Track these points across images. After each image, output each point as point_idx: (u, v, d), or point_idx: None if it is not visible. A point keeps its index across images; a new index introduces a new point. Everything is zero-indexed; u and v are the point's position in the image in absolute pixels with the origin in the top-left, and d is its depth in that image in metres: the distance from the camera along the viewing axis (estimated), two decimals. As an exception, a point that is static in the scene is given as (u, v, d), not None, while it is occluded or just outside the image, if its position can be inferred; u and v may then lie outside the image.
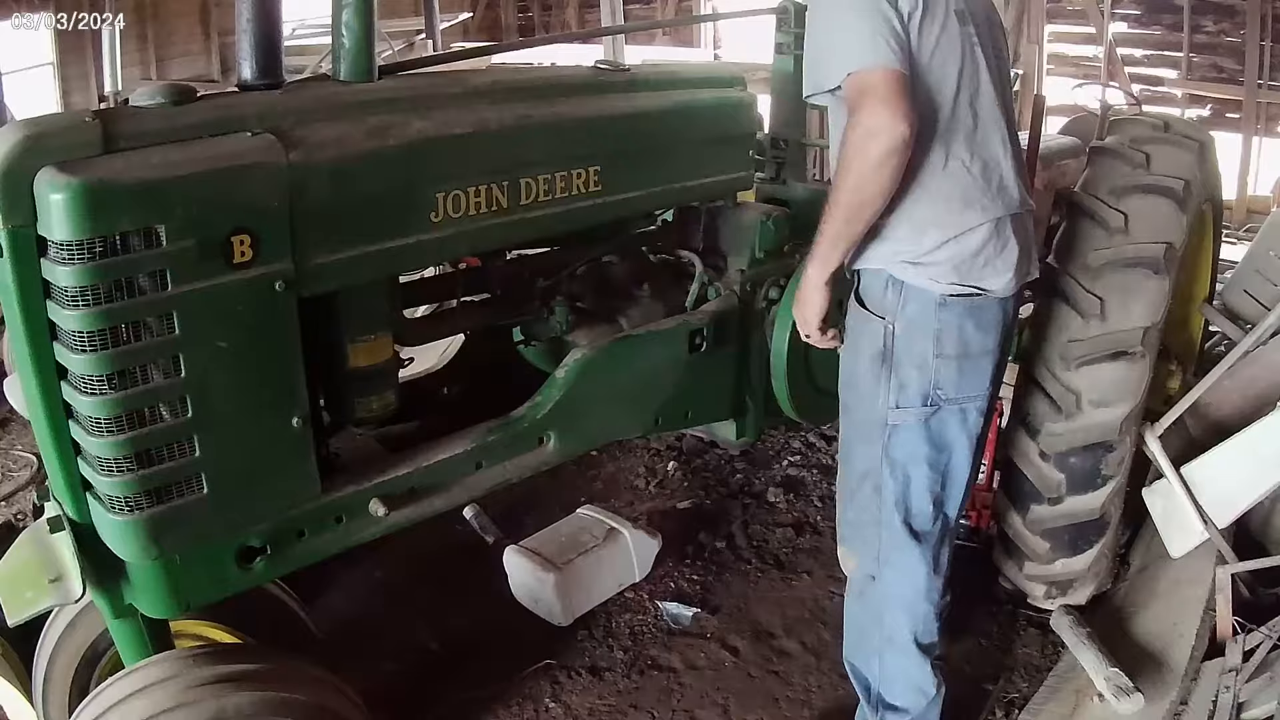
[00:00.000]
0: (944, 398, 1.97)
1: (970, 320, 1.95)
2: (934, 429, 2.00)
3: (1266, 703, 2.01)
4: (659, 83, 2.31)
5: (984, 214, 1.91)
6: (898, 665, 2.13)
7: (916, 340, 1.95)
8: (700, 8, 11.07)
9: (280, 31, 1.74)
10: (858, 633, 2.21)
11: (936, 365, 1.95)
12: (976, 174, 1.91)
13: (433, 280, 2.34)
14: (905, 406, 1.98)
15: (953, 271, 1.92)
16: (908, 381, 1.97)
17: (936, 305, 1.92)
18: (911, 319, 1.95)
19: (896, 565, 2.08)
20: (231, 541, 1.70)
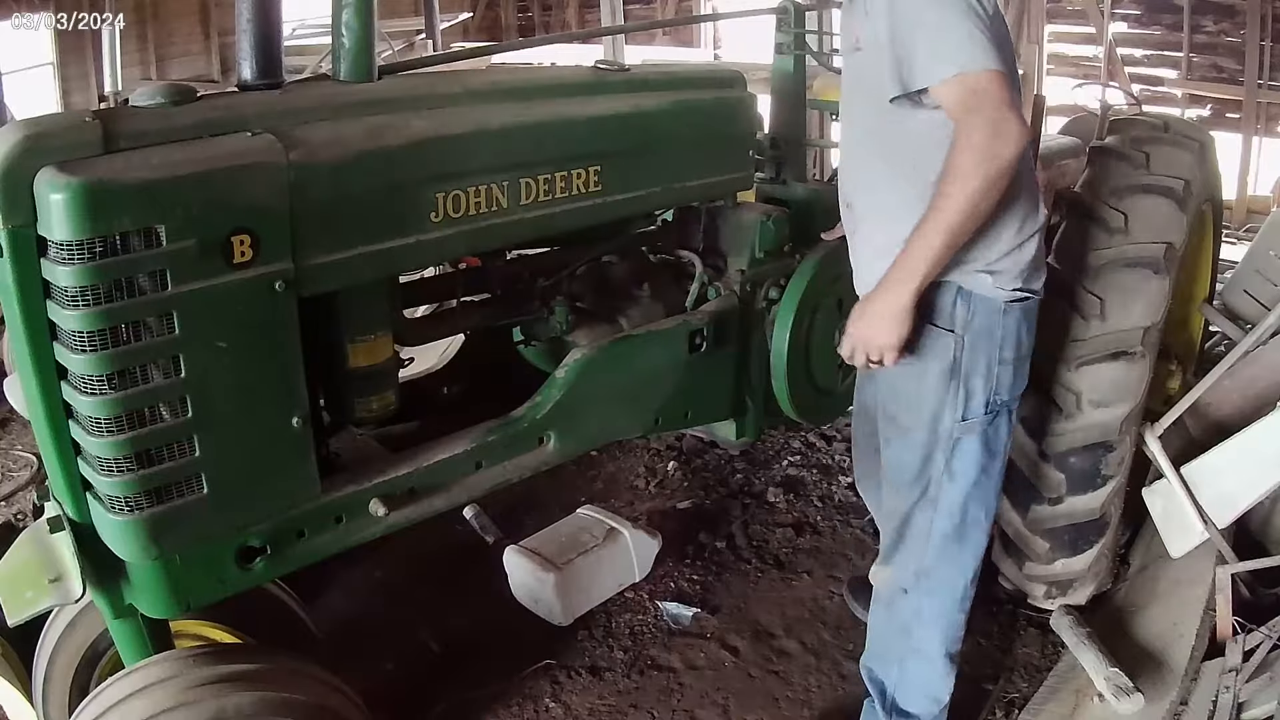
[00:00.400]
0: (1001, 402, 1.98)
1: (1026, 323, 1.98)
2: (990, 436, 2.00)
3: (1266, 703, 2.01)
4: (659, 83, 2.31)
5: (1041, 216, 1.95)
6: (920, 674, 2.14)
7: (982, 349, 1.94)
8: (700, 8, 11.07)
9: (280, 31, 1.74)
10: (881, 641, 2.21)
11: (999, 372, 1.95)
12: (1031, 176, 1.93)
13: (433, 280, 2.34)
14: (971, 418, 1.97)
15: (1017, 277, 1.93)
16: (974, 391, 1.96)
17: (1001, 312, 1.92)
18: (979, 329, 1.92)
19: (938, 578, 2.08)
20: (231, 541, 1.69)
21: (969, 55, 1.67)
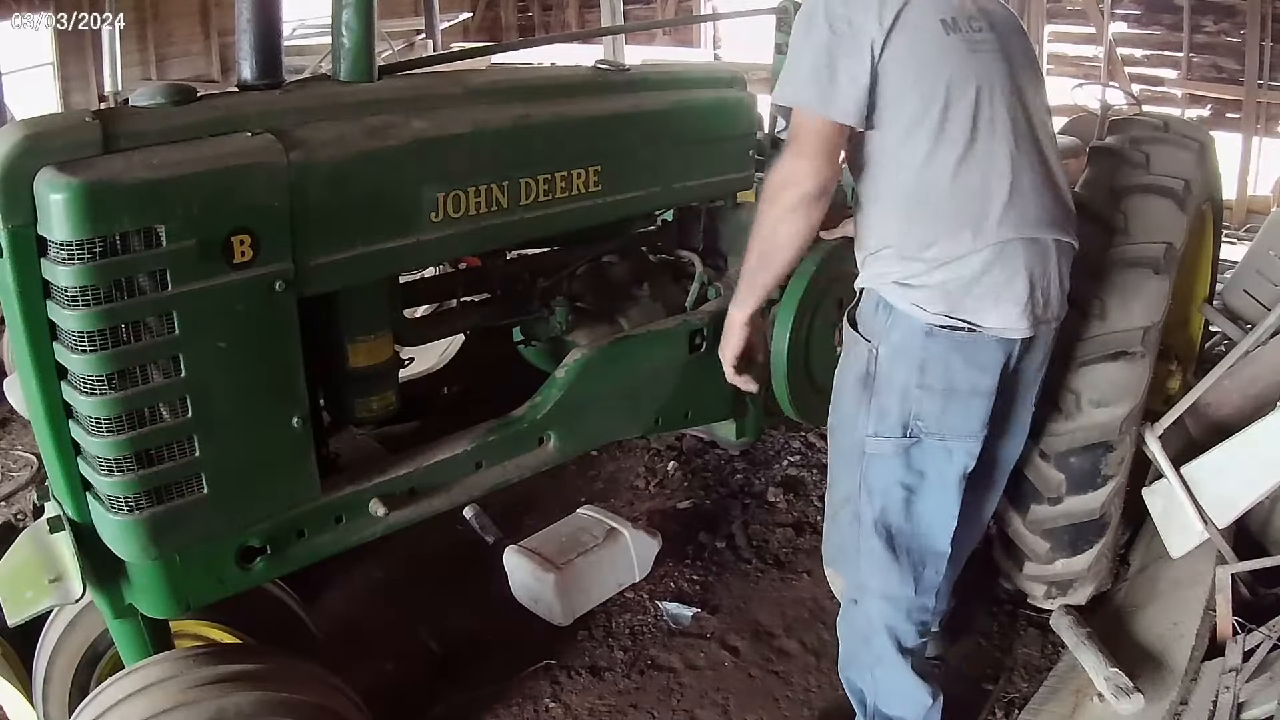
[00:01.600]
0: (924, 430, 1.90)
1: (959, 355, 1.86)
2: (913, 461, 1.93)
3: (1266, 703, 2.00)
4: (659, 83, 2.31)
5: (983, 239, 1.81)
6: (891, 681, 2.12)
7: (899, 368, 1.89)
8: (700, 8, 11.07)
9: (280, 31, 1.74)
10: (849, 650, 2.20)
11: (919, 396, 1.88)
12: (975, 193, 1.81)
13: (433, 280, 2.34)
14: (884, 435, 1.93)
15: (943, 299, 1.83)
16: (888, 409, 1.91)
17: (923, 334, 1.85)
18: (896, 345, 1.89)
19: (876, 591, 2.06)
20: (231, 541, 1.70)
21: (803, 92, 1.78)
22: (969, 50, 1.84)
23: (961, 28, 1.85)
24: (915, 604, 2.06)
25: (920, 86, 1.80)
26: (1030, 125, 1.91)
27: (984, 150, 1.83)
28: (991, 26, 1.90)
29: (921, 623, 2.09)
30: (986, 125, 1.83)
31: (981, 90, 1.83)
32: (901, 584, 2.03)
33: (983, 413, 1.92)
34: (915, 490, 1.97)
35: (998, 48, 1.89)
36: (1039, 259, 1.87)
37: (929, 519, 2.01)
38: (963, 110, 1.82)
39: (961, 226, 1.82)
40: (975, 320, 1.84)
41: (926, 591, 2.07)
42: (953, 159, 1.81)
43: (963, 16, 1.86)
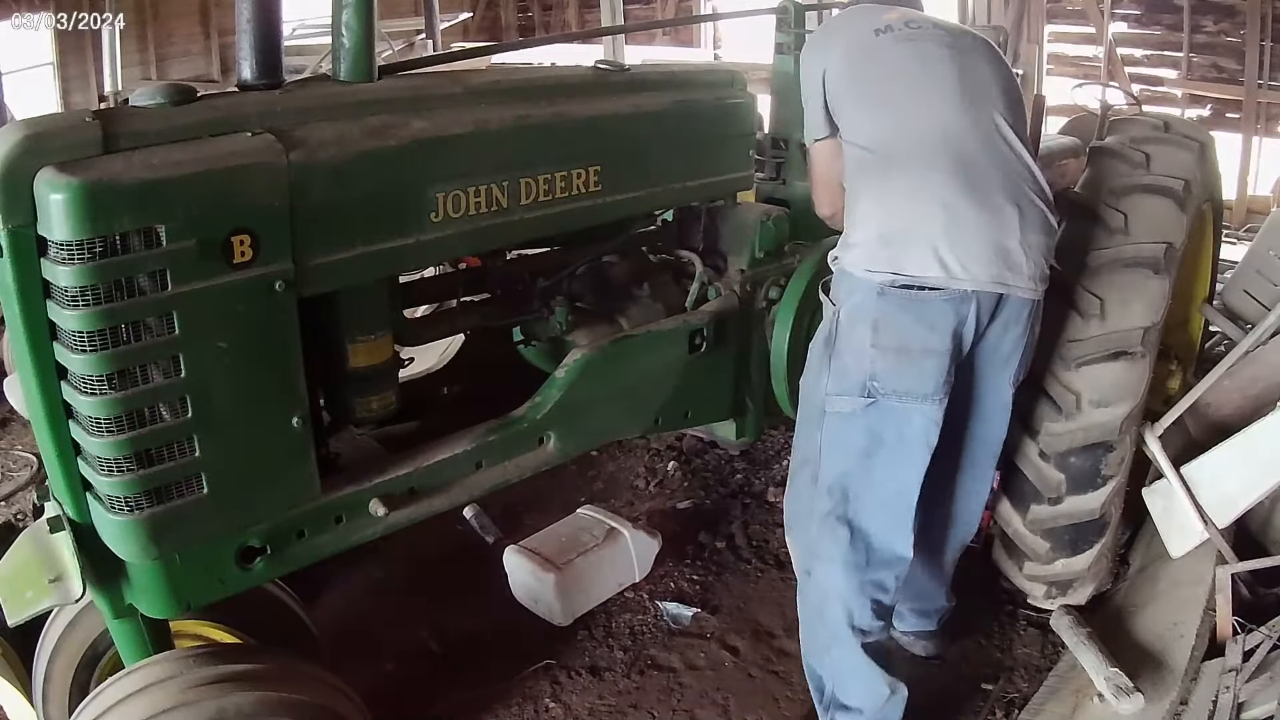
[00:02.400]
0: (880, 390, 1.98)
1: (908, 314, 1.96)
2: (872, 422, 2.01)
3: (1266, 703, 2.00)
4: (659, 83, 2.31)
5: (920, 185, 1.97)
6: (847, 663, 2.10)
7: (856, 328, 1.99)
8: (700, 8, 11.06)
9: (280, 31, 1.74)
10: (807, 632, 2.21)
11: (874, 355, 1.97)
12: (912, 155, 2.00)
13: (433, 280, 2.34)
14: (843, 394, 2.01)
15: (878, 255, 1.96)
16: (846, 369, 2.01)
17: (876, 294, 1.96)
18: (854, 306, 2.00)
19: (828, 557, 2.08)
20: (231, 541, 1.70)
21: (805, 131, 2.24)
22: (895, 41, 2.11)
23: (895, 28, 2.13)
24: (868, 577, 2.07)
25: (856, 82, 2.11)
26: (983, 96, 2.08)
27: (920, 118, 2.03)
28: (936, 25, 2.14)
29: (876, 601, 2.08)
30: (922, 95, 2.05)
31: (914, 65, 2.08)
32: (853, 550, 2.05)
33: (937, 373, 1.98)
34: (873, 453, 2.02)
35: (935, 37, 2.11)
36: (996, 219, 1.97)
37: (886, 484, 2.04)
38: (894, 85, 2.08)
39: (904, 192, 1.99)
40: (909, 270, 1.94)
41: (881, 565, 2.07)
42: (889, 127, 2.04)
43: (899, 23, 2.13)
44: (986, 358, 2.14)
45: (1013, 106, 2.14)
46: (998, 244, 1.96)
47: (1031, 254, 2.01)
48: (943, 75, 2.08)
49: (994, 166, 2.02)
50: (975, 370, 2.17)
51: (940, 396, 2.00)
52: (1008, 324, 2.08)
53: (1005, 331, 2.09)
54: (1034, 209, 2.03)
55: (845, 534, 2.05)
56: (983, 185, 1.98)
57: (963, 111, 2.04)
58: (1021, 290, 2.01)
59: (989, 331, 2.06)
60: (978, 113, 2.06)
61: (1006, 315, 2.06)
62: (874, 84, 2.12)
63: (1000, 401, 2.23)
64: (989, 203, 1.97)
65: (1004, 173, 2.02)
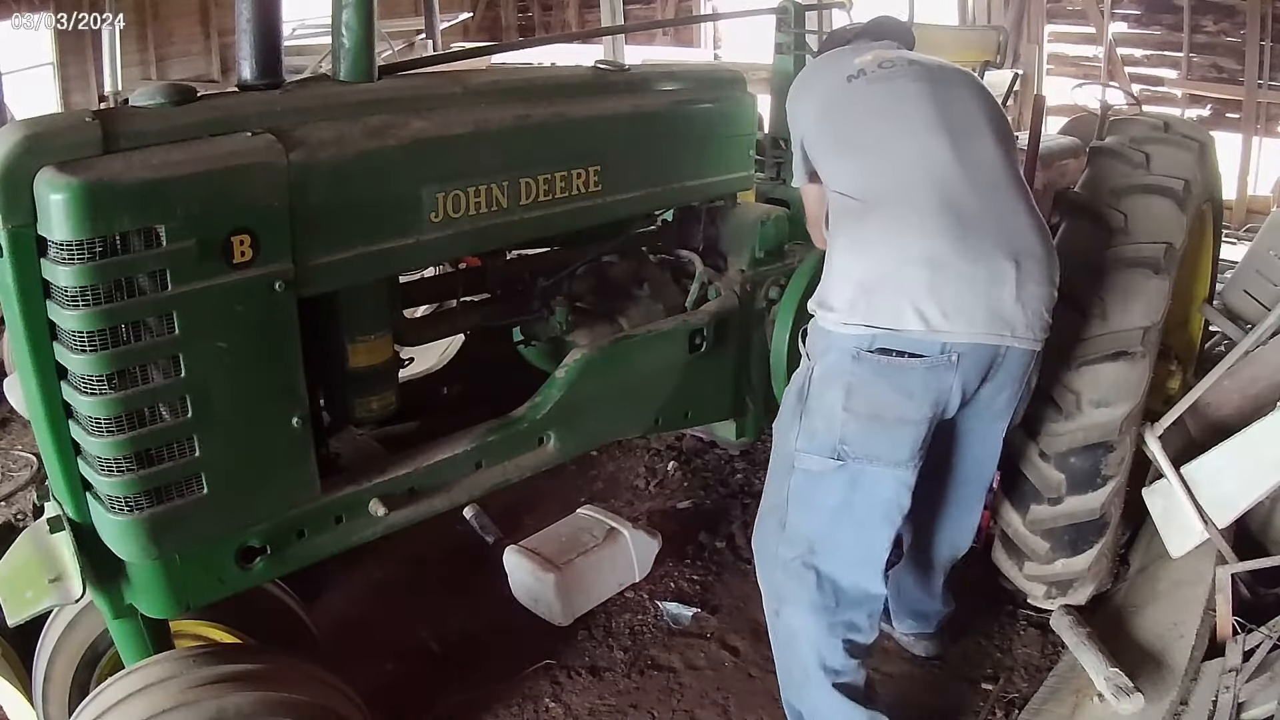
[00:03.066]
0: (851, 454, 1.89)
1: (885, 381, 1.85)
2: (841, 484, 1.93)
3: (1266, 703, 2.00)
4: (659, 83, 2.31)
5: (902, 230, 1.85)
6: (823, 702, 2.04)
7: (829, 389, 1.91)
8: (700, 8, 11.06)
9: (280, 31, 1.74)
10: (782, 669, 2.16)
11: (844, 419, 1.88)
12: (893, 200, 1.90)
13: (433, 280, 2.34)
14: (811, 453, 1.94)
15: (853, 315, 1.84)
16: (816, 430, 1.93)
17: (851, 358, 1.86)
18: (827, 367, 1.92)
19: (794, 600, 2.02)
20: (231, 541, 1.70)
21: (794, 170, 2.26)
22: (867, 84, 2.06)
23: (867, 71, 2.08)
24: (839, 619, 1.99)
25: (830, 132, 2.09)
26: (968, 128, 1.97)
27: (899, 158, 1.94)
28: (911, 62, 2.07)
29: (848, 641, 2.00)
30: (899, 133, 1.98)
31: (889, 104, 2.02)
32: (820, 594, 1.98)
33: (913, 441, 1.89)
34: (841, 513, 1.95)
35: (909, 73, 2.04)
36: (974, 268, 1.82)
37: (854, 542, 1.97)
38: (868, 128, 2.02)
39: (880, 231, 1.89)
40: (886, 323, 1.82)
41: (851, 606, 2.00)
42: (866, 171, 1.96)
43: (871, 66, 2.07)
44: (978, 415, 2.05)
45: (1003, 140, 2.01)
46: (989, 302, 1.82)
47: (1029, 307, 1.87)
48: (920, 111, 1.96)
49: (986, 211, 1.87)
50: (965, 424, 2.10)
51: (915, 462, 1.91)
52: (1003, 383, 1.97)
53: (999, 391, 1.99)
54: (1032, 260, 1.86)
55: (812, 579, 1.98)
56: (973, 234, 1.83)
57: (946, 145, 1.92)
58: (1019, 342, 1.88)
59: (980, 392, 1.95)
60: (963, 145, 1.93)
61: (1002, 375, 1.94)
62: (848, 131, 2.05)
63: (992, 449, 2.19)
64: (981, 257, 1.82)
65: (998, 218, 1.88)
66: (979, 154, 1.94)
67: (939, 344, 1.82)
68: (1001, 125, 2.06)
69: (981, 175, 1.91)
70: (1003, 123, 2.07)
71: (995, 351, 1.88)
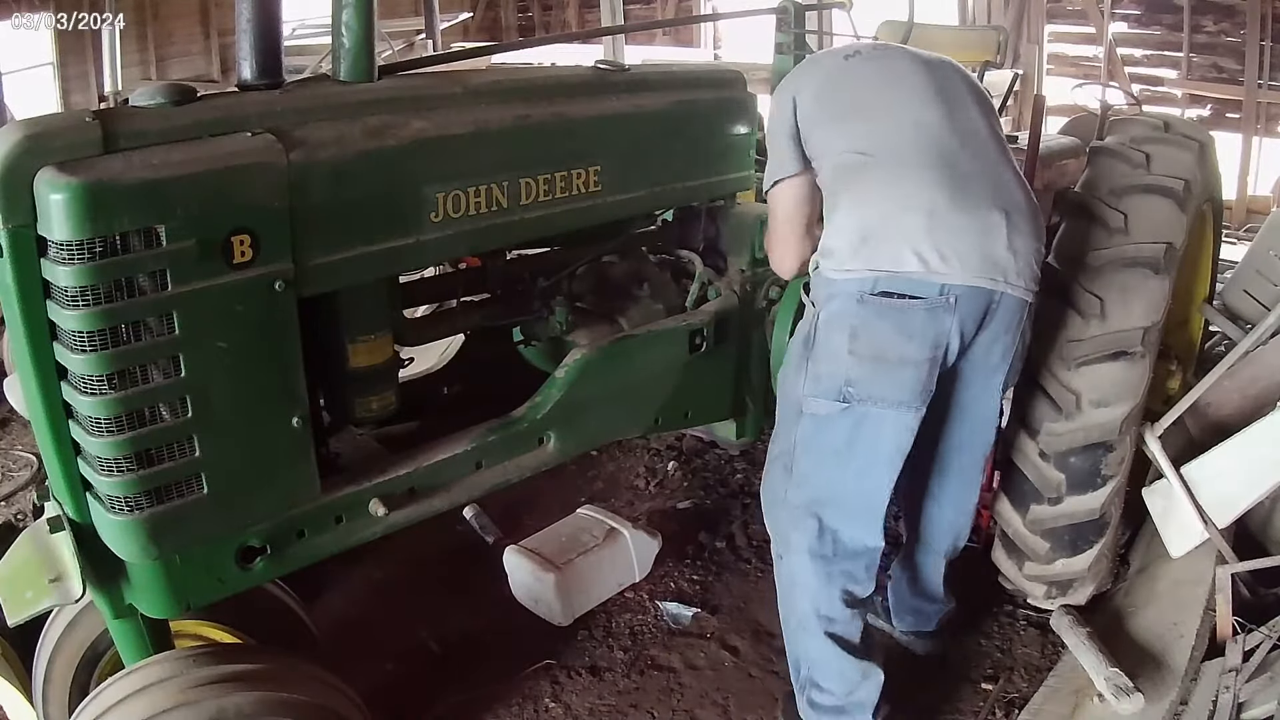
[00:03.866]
0: (856, 395, 1.97)
1: (887, 322, 1.94)
2: (847, 425, 2.00)
3: (1266, 703, 2.01)
4: (659, 83, 2.31)
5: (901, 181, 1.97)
6: (816, 649, 2.13)
7: (834, 333, 1.99)
8: (700, 8, 11.06)
9: (280, 31, 1.74)
10: (785, 613, 2.23)
11: (850, 362, 1.96)
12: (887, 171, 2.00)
13: (433, 280, 2.34)
14: (819, 396, 2.02)
15: (855, 259, 1.95)
16: (822, 374, 2.01)
17: (855, 301, 1.95)
18: (832, 312, 2.00)
19: (795, 547, 2.10)
20: (231, 541, 1.70)
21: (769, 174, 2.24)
22: (863, 61, 2.19)
23: (863, 52, 2.23)
24: (836, 567, 2.07)
25: (829, 102, 2.14)
26: (958, 100, 2.11)
27: (897, 119, 2.05)
28: (903, 49, 2.22)
29: (846, 591, 2.09)
30: (896, 99, 2.09)
31: (886, 76, 2.14)
32: (820, 542, 2.07)
33: (915, 382, 1.96)
34: (846, 456, 2.03)
35: (902, 54, 2.19)
36: (968, 218, 1.94)
37: (858, 486, 2.05)
38: (867, 95, 2.13)
39: (888, 198, 1.99)
40: (884, 265, 1.92)
41: (849, 557, 2.08)
42: (866, 132, 2.06)
43: (866, 48, 2.23)
44: (975, 366, 2.12)
45: (988, 114, 2.16)
46: (983, 248, 1.93)
47: (1020, 256, 1.97)
48: (915, 83, 2.11)
49: (977, 169, 2.01)
50: (962, 377, 2.15)
51: (918, 405, 1.98)
52: (997, 333, 2.04)
53: (995, 340, 2.06)
54: (1020, 214, 1.99)
55: (813, 526, 2.06)
56: (967, 189, 1.96)
57: (940, 112, 2.06)
58: (1011, 289, 1.97)
59: (977, 340, 2.03)
60: (955, 113, 2.08)
61: (997, 323, 2.02)
62: (847, 99, 2.15)
63: (989, 409, 2.22)
64: (974, 208, 1.95)
65: (988, 176, 2.01)
66: (969, 122, 2.10)
67: (937, 285, 1.92)
68: (986, 103, 2.20)
69: (972, 140, 2.07)
70: (987, 102, 2.22)
71: (990, 297, 1.97)
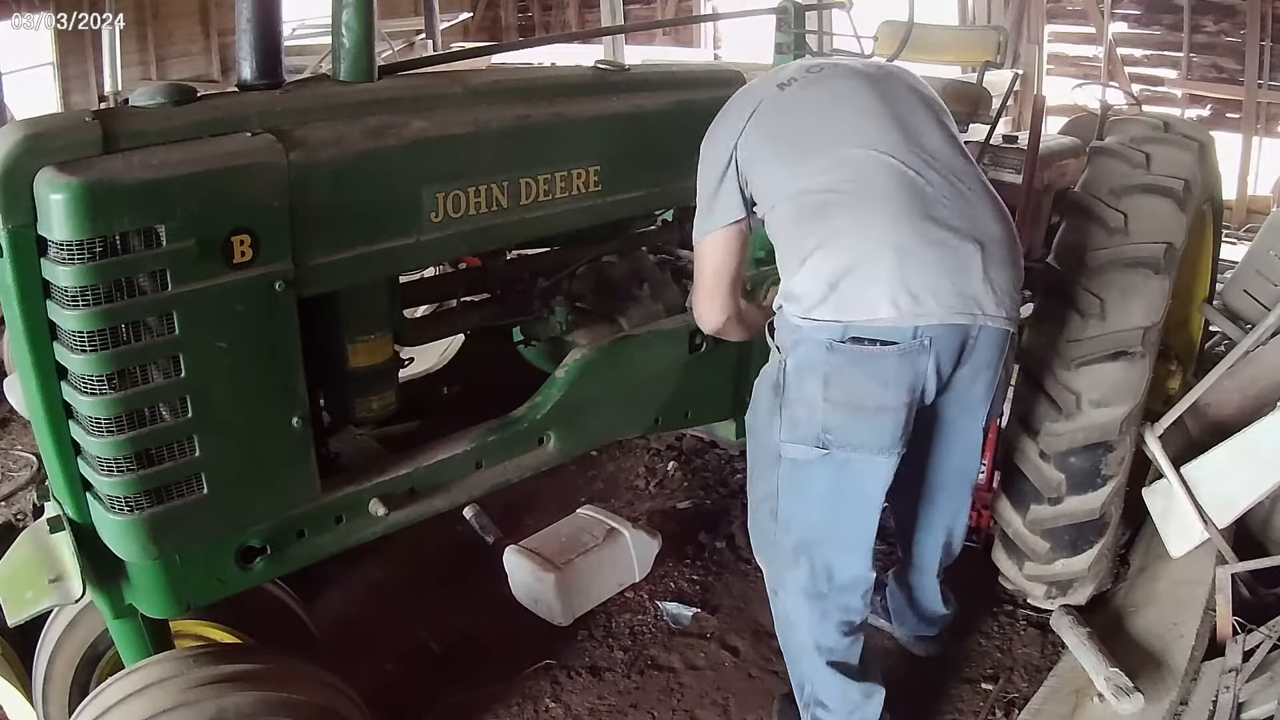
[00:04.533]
0: (834, 442, 1.90)
1: (860, 370, 1.85)
2: (828, 471, 1.94)
3: (1266, 703, 2.01)
4: (659, 83, 2.31)
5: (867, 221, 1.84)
6: (819, 676, 2.11)
7: (806, 381, 1.91)
8: (700, 8, 11.06)
9: (280, 31, 1.74)
10: (782, 640, 2.22)
11: (825, 410, 1.88)
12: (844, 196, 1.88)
13: (433, 280, 2.34)
14: (796, 442, 1.94)
15: (821, 308, 1.84)
16: (798, 420, 1.94)
17: (825, 349, 1.86)
18: (802, 359, 1.91)
19: (790, 587, 2.07)
20: (231, 541, 1.70)
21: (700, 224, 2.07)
22: (802, 89, 2.02)
23: (797, 78, 2.04)
24: (832, 603, 2.04)
25: (771, 139, 1.98)
26: (913, 116, 1.97)
27: (851, 151, 1.91)
28: (837, 64, 2.08)
29: (843, 622, 2.06)
30: (847, 128, 1.95)
31: (830, 103, 1.99)
32: (813, 581, 2.04)
33: (894, 428, 1.89)
34: (830, 500, 1.97)
35: (842, 72, 2.04)
36: (940, 253, 1.83)
37: (843, 531, 2.01)
38: (814, 127, 1.97)
39: (843, 222, 1.87)
40: (860, 316, 1.82)
41: (843, 590, 2.04)
42: (820, 168, 1.92)
43: (799, 72, 2.06)
44: (957, 402, 2.05)
45: (947, 129, 2.02)
46: (957, 284, 1.83)
47: (998, 289, 1.87)
48: (863, 105, 1.96)
49: (946, 197, 1.88)
50: (944, 414, 2.10)
51: (898, 449, 1.91)
52: (978, 368, 1.97)
53: (976, 376, 1.99)
54: (996, 244, 1.88)
55: (805, 567, 2.02)
56: (935, 219, 1.84)
57: (897, 136, 1.92)
58: (991, 320, 1.87)
59: (957, 376, 1.95)
60: (913, 136, 1.93)
61: (976, 358, 1.94)
62: (792, 133, 1.98)
63: (973, 441, 2.18)
64: (944, 241, 1.83)
65: (958, 204, 1.88)
66: (930, 144, 1.94)
67: (911, 329, 1.83)
68: (943, 115, 2.05)
69: (937, 163, 1.92)
70: (943, 113, 2.06)
71: (966, 332, 1.88)
